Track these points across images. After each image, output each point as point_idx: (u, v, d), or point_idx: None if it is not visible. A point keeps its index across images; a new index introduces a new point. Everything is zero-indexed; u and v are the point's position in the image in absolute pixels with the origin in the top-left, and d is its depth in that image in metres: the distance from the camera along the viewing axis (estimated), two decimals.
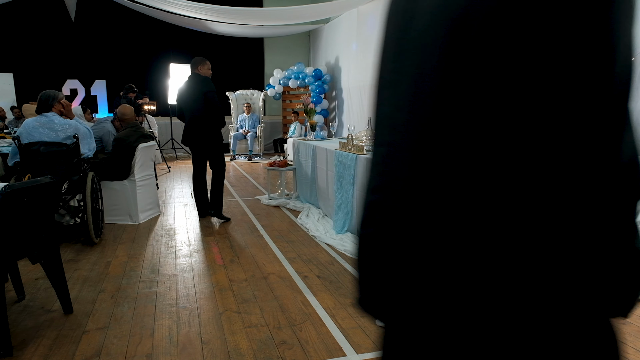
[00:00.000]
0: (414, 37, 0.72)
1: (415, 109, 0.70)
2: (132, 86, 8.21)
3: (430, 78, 0.67)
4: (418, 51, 0.71)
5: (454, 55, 0.63)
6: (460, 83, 0.62)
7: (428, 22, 0.69)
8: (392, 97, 0.77)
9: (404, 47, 0.75)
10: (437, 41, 0.66)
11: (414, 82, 0.71)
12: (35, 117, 4.14)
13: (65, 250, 4.06)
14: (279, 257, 3.86)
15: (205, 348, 2.43)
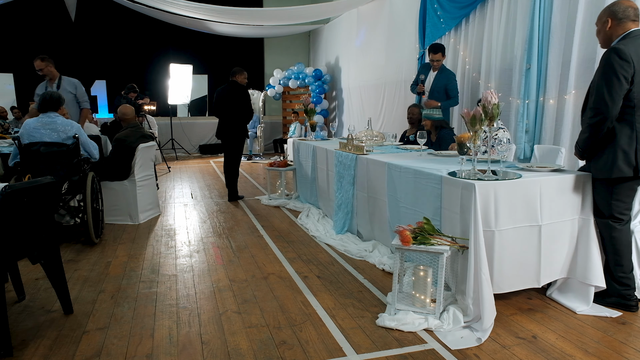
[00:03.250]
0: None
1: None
2: (133, 86, 8.19)
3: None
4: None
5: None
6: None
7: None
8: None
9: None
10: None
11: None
12: (36, 117, 4.13)
13: (65, 250, 4.06)
14: (279, 257, 3.86)
15: (205, 348, 2.43)
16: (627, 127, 2.60)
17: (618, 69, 2.51)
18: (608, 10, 2.68)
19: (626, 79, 2.52)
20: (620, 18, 2.61)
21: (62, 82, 5.33)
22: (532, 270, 2.75)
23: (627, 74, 2.51)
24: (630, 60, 2.51)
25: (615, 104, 2.54)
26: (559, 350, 2.36)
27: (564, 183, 2.77)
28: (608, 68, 2.55)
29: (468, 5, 5.74)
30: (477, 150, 2.78)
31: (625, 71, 2.51)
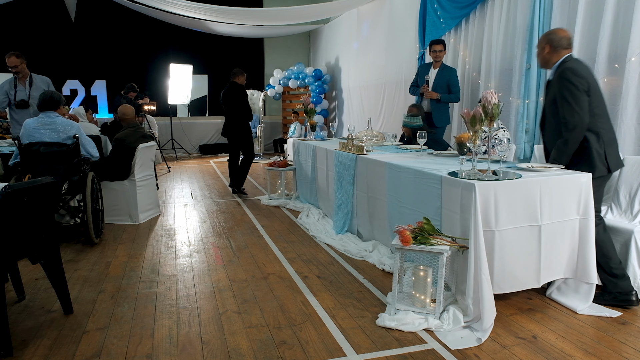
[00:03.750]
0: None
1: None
2: (133, 85, 8.18)
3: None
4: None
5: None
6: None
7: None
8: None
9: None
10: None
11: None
12: (36, 117, 4.13)
13: (65, 250, 4.06)
14: (279, 257, 3.86)
15: (205, 348, 2.43)
16: (594, 133, 2.91)
17: (577, 83, 2.85)
18: (546, 37, 3.09)
19: (585, 91, 2.86)
20: (556, 46, 3.01)
21: (34, 80, 5.18)
22: (532, 270, 2.75)
23: (585, 87, 2.86)
24: (584, 75, 2.89)
25: (585, 113, 2.85)
26: (559, 350, 2.37)
27: (564, 183, 2.77)
28: (569, 84, 2.87)
29: (468, 5, 5.74)
30: (477, 150, 2.78)
31: (582, 85, 2.86)
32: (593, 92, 2.90)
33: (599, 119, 2.92)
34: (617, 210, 3.30)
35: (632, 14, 3.71)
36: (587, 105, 2.85)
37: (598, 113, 2.91)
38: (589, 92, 2.87)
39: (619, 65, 3.87)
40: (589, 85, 2.88)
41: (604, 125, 2.94)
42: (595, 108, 2.90)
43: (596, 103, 2.91)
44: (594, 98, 2.90)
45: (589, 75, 2.93)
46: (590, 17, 4.13)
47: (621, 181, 3.33)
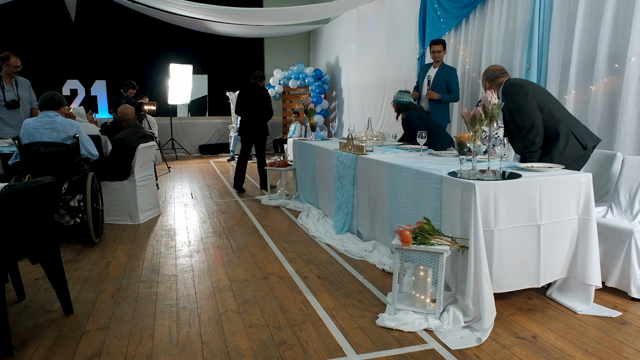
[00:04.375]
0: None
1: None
2: (132, 82, 8.15)
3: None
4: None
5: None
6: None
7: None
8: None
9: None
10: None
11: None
12: (36, 117, 4.14)
13: (65, 250, 4.06)
14: (279, 257, 3.86)
15: (205, 348, 2.43)
16: (557, 123, 3.29)
17: (521, 91, 3.30)
18: (484, 76, 3.59)
19: (527, 95, 3.28)
20: (493, 79, 3.52)
21: (19, 81, 5.13)
22: (532, 270, 2.75)
23: (528, 92, 3.29)
24: (524, 84, 3.40)
25: (537, 114, 3.26)
26: (559, 350, 2.37)
27: (564, 183, 2.77)
28: (514, 96, 3.31)
29: (468, 5, 5.74)
30: (477, 150, 2.78)
31: (526, 90, 3.30)
32: (537, 92, 3.34)
33: (555, 111, 3.31)
34: (617, 210, 3.30)
35: (632, 14, 3.71)
36: (536, 107, 3.26)
37: (549, 106, 3.31)
38: (531, 94, 3.28)
39: (619, 65, 3.87)
40: (528, 88, 3.31)
41: (561, 113, 3.33)
42: (547, 104, 3.30)
43: (545, 100, 3.33)
44: (540, 97, 3.32)
45: (526, 83, 3.44)
46: (590, 17, 4.13)
47: (621, 181, 3.33)
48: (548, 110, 3.29)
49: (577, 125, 3.33)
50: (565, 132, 3.26)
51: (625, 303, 2.90)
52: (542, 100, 3.31)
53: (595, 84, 4.06)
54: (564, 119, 3.31)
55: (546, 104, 3.31)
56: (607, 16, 3.91)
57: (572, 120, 3.36)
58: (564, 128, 3.27)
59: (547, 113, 3.28)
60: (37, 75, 10.85)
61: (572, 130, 3.28)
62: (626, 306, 2.86)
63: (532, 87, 3.38)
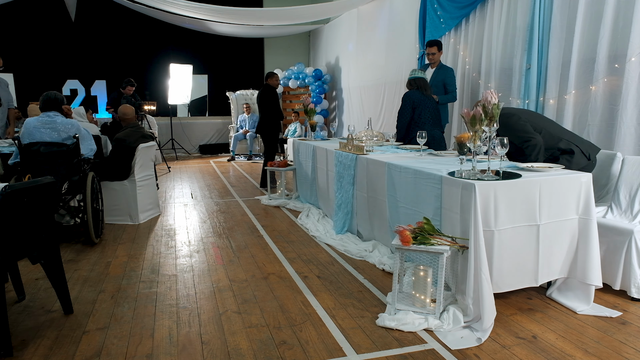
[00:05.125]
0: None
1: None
2: (130, 80, 8.11)
3: None
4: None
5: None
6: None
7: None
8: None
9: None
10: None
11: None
12: (36, 117, 4.13)
13: (65, 250, 4.06)
14: (279, 257, 3.86)
15: (205, 348, 2.43)
16: (558, 141, 3.39)
17: (512, 118, 3.38)
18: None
19: (525, 119, 3.42)
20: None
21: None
22: (530, 269, 2.75)
23: (520, 117, 3.41)
24: (514, 112, 3.48)
25: (535, 133, 3.35)
26: (559, 350, 2.37)
27: (564, 183, 2.77)
28: (508, 125, 3.31)
29: (468, 5, 5.74)
30: (477, 150, 2.78)
31: (517, 116, 3.41)
32: (529, 117, 3.45)
33: (553, 130, 3.41)
34: (617, 210, 3.30)
35: (632, 14, 3.71)
36: (530, 127, 3.36)
37: (545, 126, 3.41)
38: (523, 119, 3.39)
39: (619, 65, 3.87)
40: (520, 115, 3.42)
41: (559, 131, 3.44)
42: (543, 126, 3.41)
43: (540, 122, 3.43)
44: (534, 120, 3.43)
45: (516, 111, 3.53)
46: (590, 17, 4.13)
47: (621, 181, 3.33)
48: (546, 130, 3.38)
49: (577, 139, 3.43)
50: (567, 147, 3.36)
51: (625, 303, 2.90)
52: (537, 123, 3.41)
53: (595, 84, 4.06)
54: (563, 135, 3.40)
55: (542, 126, 3.41)
56: (607, 16, 3.91)
57: (572, 136, 3.45)
58: (565, 143, 3.35)
59: (546, 133, 3.37)
60: (37, 75, 10.90)
61: (574, 144, 3.37)
62: (626, 306, 2.86)
63: (523, 113, 3.49)
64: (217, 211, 5.56)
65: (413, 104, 4.76)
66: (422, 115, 4.77)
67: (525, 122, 3.37)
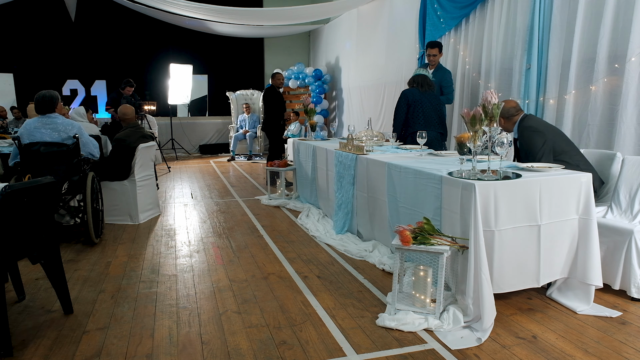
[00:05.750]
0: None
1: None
2: (129, 80, 8.11)
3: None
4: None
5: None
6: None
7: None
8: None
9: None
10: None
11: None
12: (36, 117, 4.13)
13: (65, 250, 4.06)
14: (279, 257, 3.86)
15: (205, 348, 2.43)
16: (574, 167, 3.27)
17: (538, 136, 3.36)
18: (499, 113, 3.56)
19: (550, 140, 3.36)
20: (507, 117, 3.56)
21: None
22: (532, 270, 2.75)
23: (546, 139, 3.35)
24: (542, 129, 3.42)
25: (549, 159, 3.33)
26: (559, 350, 2.37)
27: (564, 183, 2.77)
28: (530, 140, 3.38)
29: (468, 5, 5.74)
30: (477, 150, 2.78)
31: (543, 137, 3.36)
32: (554, 137, 3.39)
33: (573, 154, 3.36)
34: (617, 210, 3.30)
35: (632, 14, 3.71)
36: (549, 151, 3.34)
37: (564, 150, 3.36)
38: (548, 141, 3.35)
39: (619, 65, 3.87)
40: (546, 135, 3.37)
41: (578, 157, 3.36)
42: (562, 149, 3.36)
43: (561, 144, 3.38)
44: (557, 141, 3.38)
45: (543, 127, 3.46)
46: (590, 17, 4.13)
47: (621, 181, 3.33)
48: (565, 154, 3.33)
49: (592, 168, 3.37)
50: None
51: (625, 303, 2.90)
52: (561, 146, 3.36)
53: (595, 84, 4.06)
54: (579, 162, 3.32)
55: (563, 150, 3.35)
56: (607, 16, 3.91)
57: (587, 164, 3.38)
58: (573, 168, 3.29)
59: (565, 156, 3.32)
60: (37, 75, 10.90)
61: (587, 172, 3.32)
62: (626, 306, 2.86)
63: (550, 133, 3.42)
64: (217, 211, 5.56)
65: (408, 102, 4.82)
66: (415, 114, 4.82)
67: (545, 143, 3.31)
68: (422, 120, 4.79)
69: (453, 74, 6.16)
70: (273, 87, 7.26)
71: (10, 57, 10.78)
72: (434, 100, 4.91)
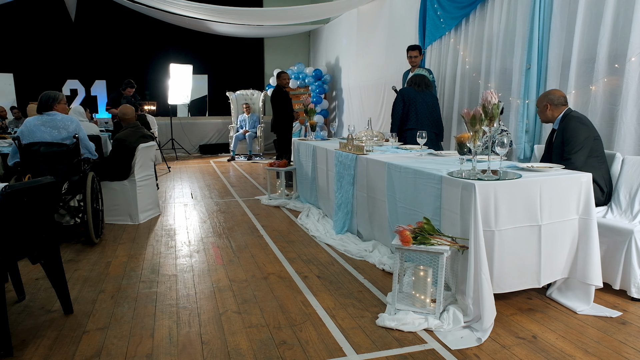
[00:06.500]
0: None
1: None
2: (130, 81, 8.13)
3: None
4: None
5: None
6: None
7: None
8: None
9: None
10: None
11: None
12: (36, 116, 4.16)
13: (65, 250, 4.06)
14: (279, 257, 3.86)
15: (205, 348, 2.43)
16: (598, 171, 3.31)
17: (584, 130, 3.29)
18: (547, 98, 3.51)
19: (592, 137, 3.31)
20: (557, 104, 3.47)
21: None
22: (533, 270, 2.75)
23: (589, 134, 3.30)
24: (588, 123, 3.39)
25: (583, 157, 3.29)
26: (559, 350, 2.37)
27: (564, 183, 2.77)
28: (575, 131, 3.30)
29: (468, 5, 5.74)
30: (477, 150, 2.78)
31: (588, 131, 3.31)
32: (596, 138, 3.33)
33: (602, 161, 3.34)
34: (617, 210, 3.30)
35: (632, 14, 3.71)
36: (588, 148, 3.28)
37: (599, 155, 3.33)
38: (590, 137, 3.28)
39: (619, 65, 3.87)
40: (591, 132, 3.32)
41: (603, 167, 3.35)
42: (597, 150, 3.32)
43: (600, 147, 3.35)
44: (599, 147, 3.34)
45: (590, 123, 3.40)
46: (590, 17, 4.13)
47: (621, 181, 3.33)
48: (595, 157, 3.31)
49: (609, 183, 3.39)
50: (596, 179, 3.26)
51: (625, 303, 2.90)
52: (596, 146, 3.33)
53: (595, 84, 4.06)
54: (602, 167, 3.33)
55: (597, 151, 3.32)
56: (607, 16, 3.91)
57: (608, 176, 3.39)
58: (598, 174, 3.30)
59: (594, 159, 3.30)
60: (37, 75, 10.90)
61: (603, 177, 3.35)
62: (626, 306, 2.86)
63: (593, 131, 3.38)
64: (217, 211, 5.56)
65: (403, 99, 4.98)
66: (409, 112, 4.98)
67: (587, 138, 3.26)
68: (414, 119, 4.95)
69: (453, 73, 6.18)
70: (279, 87, 7.27)
71: (10, 57, 10.78)
72: (429, 100, 5.04)
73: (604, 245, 2.99)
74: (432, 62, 6.64)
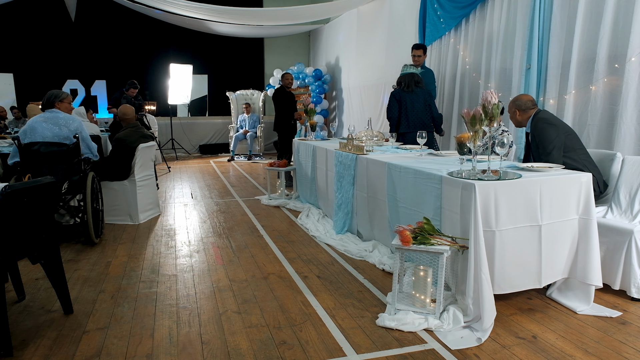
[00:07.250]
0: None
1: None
2: (134, 82, 8.13)
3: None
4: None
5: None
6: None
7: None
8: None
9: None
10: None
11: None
12: (40, 114, 4.24)
13: (65, 250, 4.06)
14: (279, 257, 3.86)
15: (205, 348, 2.43)
16: (579, 165, 3.32)
17: (551, 129, 3.35)
18: (515, 104, 3.57)
19: (562, 134, 3.36)
20: (524, 109, 3.53)
21: None
22: (534, 270, 2.75)
23: (558, 132, 3.34)
24: (556, 122, 3.43)
25: (559, 156, 3.34)
26: (559, 350, 2.37)
27: (564, 183, 2.77)
28: (543, 132, 3.36)
29: (468, 5, 5.74)
30: (477, 150, 2.78)
31: (557, 129, 3.36)
32: (567, 133, 3.39)
33: (580, 154, 3.36)
34: (617, 210, 3.30)
35: (632, 14, 3.71)
36: (560, 146, 3.32)
37: (576, 148, 3.36)
38: (560, 134, 3.34)
39: (619, 65, 3.87)
40: (560, 129, 3.36)
41: (584, 158, 3.36)
42: (572, 146, 3.36)
43: (572, 142, 3.38)
44: (568, 138, 3.37)
45: (557, 121, 3.46)
46: (590, 17, 4.13)
47: (621, 181, 3.33)
48: (574, 152, 3.34)
49: (597, 171, 3.39)
50: (577, 169, 3.30)
51: (625, 303, 2.90)
52: (572, 143, 3.37)
53: (595, 84, 4.06)
54: (587, 164, 3.34)
55: (572, 147, 3.36)
56: (607, 16, 3.91)
57: (594, 166, 3.39)
58: (580, 166, 3.30)
59: (572, 154, 3.33)
60: (37, 75, 10.90)
61: (593, 175, 3.29)
62: (626, 306, 2.86)
63: (563, 128, 3.42)
64: (217, 211, 5.56)
65: (396, 100, 5.13)
66: (401, 116, 5.11)
67: (557, 136, 3.31)
68: (405, 122, 5.09)
69: (453, 73, 6.18)
70: (283, 88, 7.28)
71: (10, 57, 10.78)
72: (420, 99, 5.11)
73: (604, 245, 2.99)
74: (432, 62, 6.64)
